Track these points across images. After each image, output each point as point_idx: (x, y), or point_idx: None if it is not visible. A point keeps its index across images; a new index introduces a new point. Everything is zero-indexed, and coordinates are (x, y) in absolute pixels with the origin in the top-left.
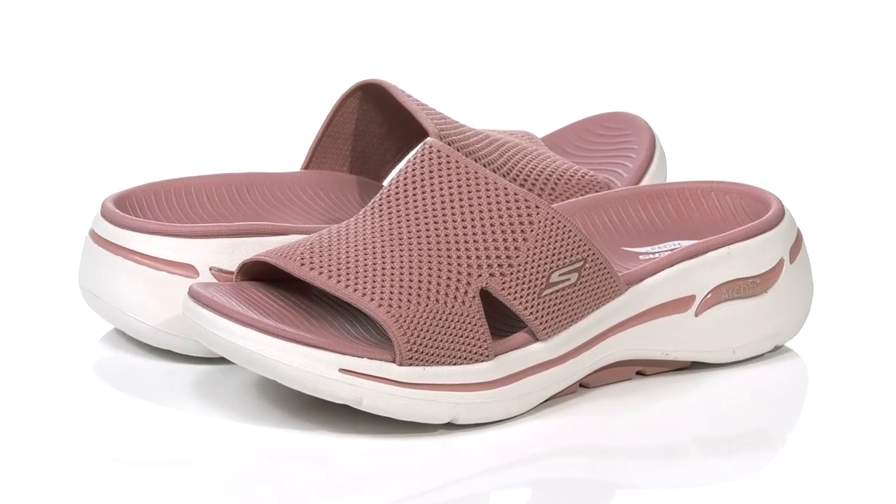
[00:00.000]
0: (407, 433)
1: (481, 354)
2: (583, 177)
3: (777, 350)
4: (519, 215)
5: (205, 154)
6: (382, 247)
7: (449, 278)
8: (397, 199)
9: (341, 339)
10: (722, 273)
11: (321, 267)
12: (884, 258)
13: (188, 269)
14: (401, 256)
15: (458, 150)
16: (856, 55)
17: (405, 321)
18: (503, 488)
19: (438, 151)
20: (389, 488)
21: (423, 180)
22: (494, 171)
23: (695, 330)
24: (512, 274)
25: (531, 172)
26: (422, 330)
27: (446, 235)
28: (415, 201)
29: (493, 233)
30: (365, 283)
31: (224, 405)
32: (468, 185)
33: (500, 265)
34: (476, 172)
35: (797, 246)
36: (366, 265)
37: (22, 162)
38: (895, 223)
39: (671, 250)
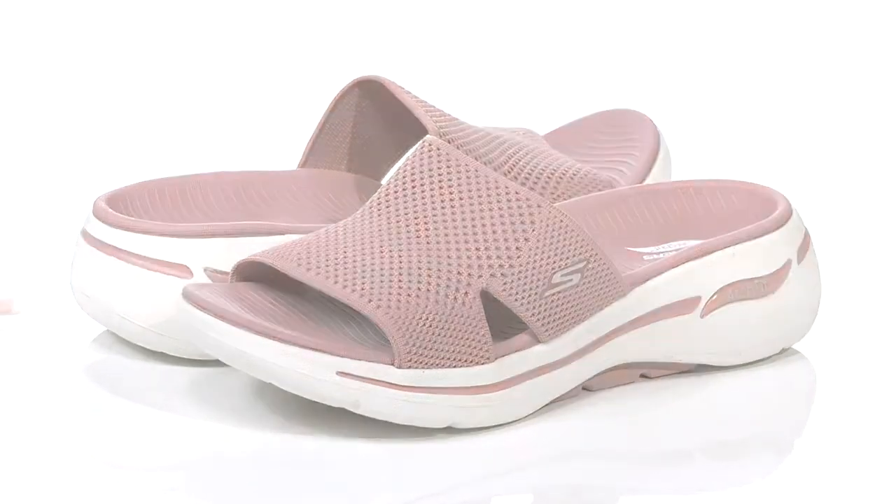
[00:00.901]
0: (406, 437)
1: (482, 357)
2: (585, 175)
3: (784, 353)
4: (521, 215)
5: (200, 152)
6: (381, 247)
7: (449, 279)
8: (396, 198)
9: (339, 341)
10: (728, 274)
11: (318, 267)
12: (893, 259)
13: (182, 270)
14: (399, 256)
15: (458, 148)
16: (865, 53)
17: (404, 323)
18: (504, 494)
19: (438, 149)
20: (388, 493)
21: (422, 179)
22: (495, 170)
23: (700, 332)
24: (513, 275)
25: (533, 171)
26: (421, 332)
27: (446, 235)
28: (414, 200)
29: (494, 232)
30: (363, 283)
31: (219, 408)
32: (468, 184)
33: (501, 266)
34: (476, 171)
35: (805, 246)
36: (364, 265)
37: (14, 161)
38: None
39: (676, 250)
